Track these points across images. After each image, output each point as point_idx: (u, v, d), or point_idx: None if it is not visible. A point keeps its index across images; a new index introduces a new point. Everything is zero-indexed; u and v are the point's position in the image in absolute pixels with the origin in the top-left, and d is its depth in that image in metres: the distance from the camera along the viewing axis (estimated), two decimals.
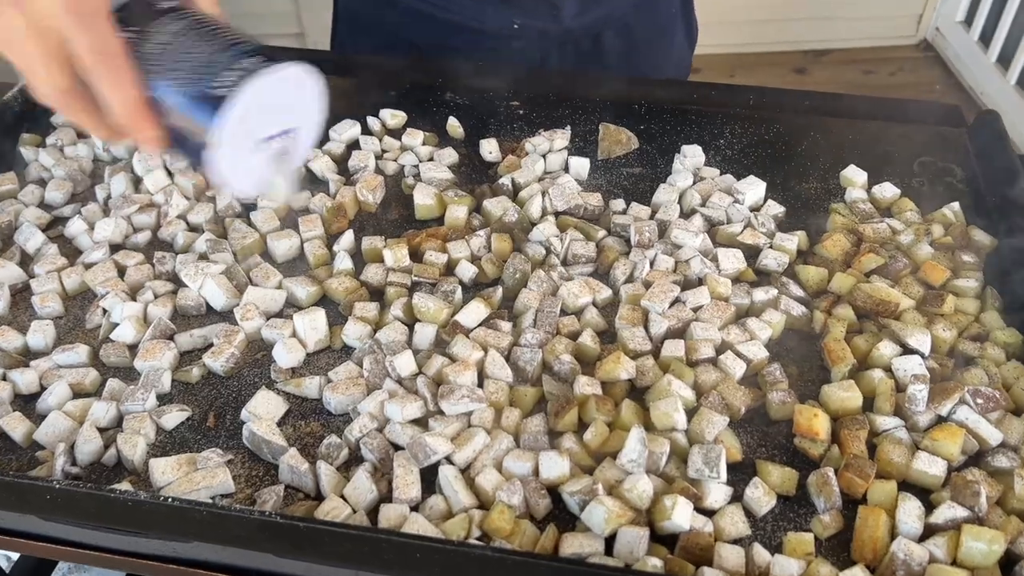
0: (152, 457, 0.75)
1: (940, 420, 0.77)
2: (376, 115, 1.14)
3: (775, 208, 0.99)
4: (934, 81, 3.56)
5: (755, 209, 0.99)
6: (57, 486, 0.67)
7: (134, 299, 0.89)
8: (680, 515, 0.68)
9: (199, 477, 0.73)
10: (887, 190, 1.00)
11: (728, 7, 3.54)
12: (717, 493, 0.71)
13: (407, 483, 0.72)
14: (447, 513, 0.71)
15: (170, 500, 0.66)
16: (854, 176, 1.02)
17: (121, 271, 0.92)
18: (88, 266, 0.92)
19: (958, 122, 1.12)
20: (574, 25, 1.19)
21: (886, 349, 0.81)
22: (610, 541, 0.68)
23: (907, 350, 0.81)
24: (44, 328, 0.86)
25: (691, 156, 1.05)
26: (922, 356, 0.80)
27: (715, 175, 1.04)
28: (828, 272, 0.90)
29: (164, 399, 0.81)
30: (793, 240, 0.93)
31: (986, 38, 3.30)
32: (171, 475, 0.73)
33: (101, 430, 0.77)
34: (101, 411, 0.78)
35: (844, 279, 0.88)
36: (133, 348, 0.85)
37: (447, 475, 0.72)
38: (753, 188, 0.99)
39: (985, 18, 3.30)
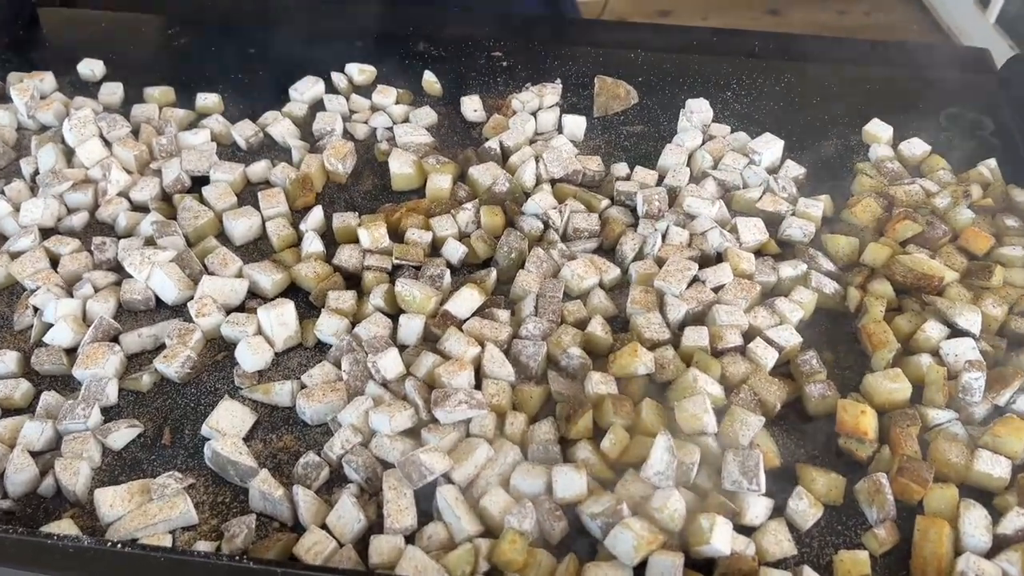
0: (98, 486, 0.64)
1: (998, 411, 0.68)
2: (341, 70, 1.01)
3: (795, 169, 0.89)
4: (910, 21, 3.47)
5: (773, 171, 0.89)
6: None
7: (71, 294, 0.77)
8: (719, 538, 0.59)
9: (155, 509, 0.62)
10: (916, 147, 0.90)
11: None
12: (757, 507, 0.62)
13: (400, 509, 0.62)
14: (448, 543, 0.61)
15: (119, 546, 0.55)
16: (878, 131, 0.92)
17: (54, 260, 0.80)
18: (14, 256, 0.80)
19: (986, 68, 1.02)
20: None
21: (933, 331, 0.72)
22: (639, 569, 0.59)
23: (956, 331, 0.73)
24: None
25: (698, 112, 0.94)
26: (974, 337, 0.72)
27: (726, 133, 0.93)
28: (859, 242, 0.81)
29: (110, 413, 0.70)
30: (818, 206, 0.84)
31: None
32: (120, 507, 0.62)
33: (35, 454, 0.66)
34: (35, 432, 0.66)
35: (878, 250, 0.79)
36: (71, 352, 0.73)
37: (446, 497, 0.62)
38: (770, 147, 0.89)
39: None
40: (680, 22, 3.54)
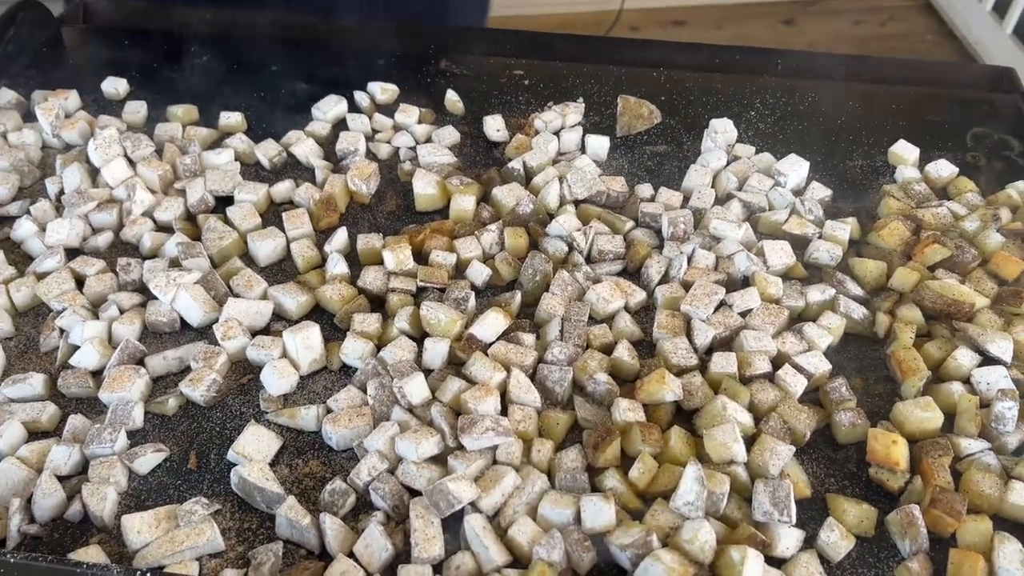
0: (124, 511, 0.64)
1: None
2: (364, 89, 1.01)
3: (821, 191, 0.88)
4: (926, 31, 3.45)
5: (798, 193, 0.89)
6: (12, 560, 0.56)
7: (96, 316, 0.77)
8: (751, 570, 0.58)
9: (182, 536, 0.62)
10: (943, 168, 0.89)
11: None
12: (788, 538, 0.62)
13: (428, 538, 0.61)
14: (476, 573, 0.61)
15: (148, 575, 0.55)
16: (904, 153, 0.91)
17: (80, 281, 0.80)
18: (41, 276, 0.80)
19: (1011, 87, 1.01)
20: None
21: (964, 358, 0.71)
22: None
23: (987, 358, 0.72)
24: None
25: (722, 132, 0.94)
26: (1005, 365, 0.71)
27: (750, 153, 0.93)
28: (887, 265, 0.80)
29: (136, 437, 0.70)
30: (845, 229, 0.83)
31: None
32: (148, 534, 0.62)
33: (62, 479, 0.66)
34: (62, 456, 0.66)
35: (907, 274, 0.78)
36: (97, 375, 0.73)
37: (474, 527, 0.61)
38: (795, 168, 0.88)
39: None
40: (694, 32, 3.54)
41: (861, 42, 3.56)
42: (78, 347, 0.74)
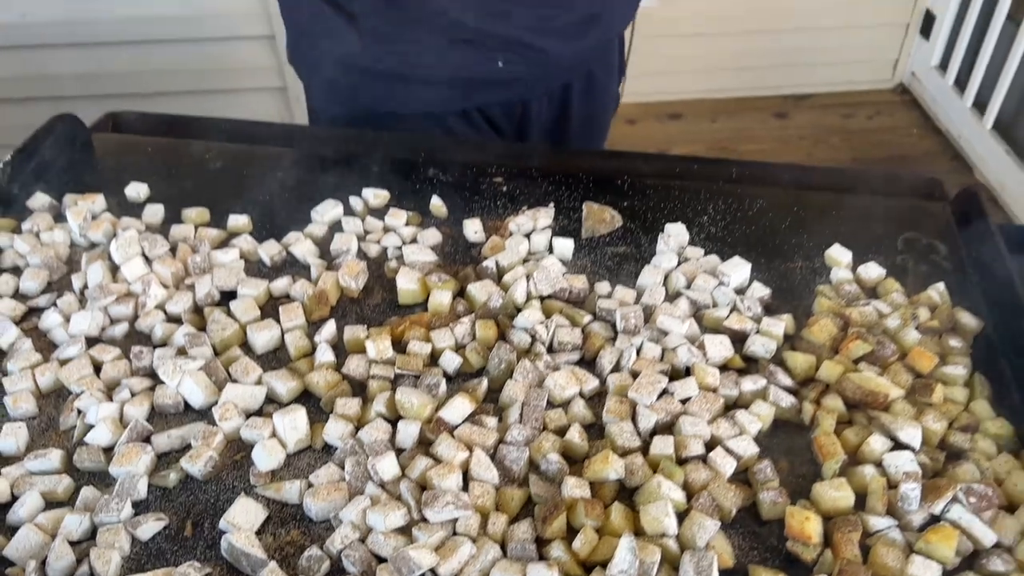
0: (127, 573, 0.73)
1: (933, 519, 0.75)
2: (359, 194, 1.13)
3: (761, 290, 0.98)
4: (912, 124, 3.61)
5: (740, 291, 0.99)
6: None
7: (110, 398, 0.87)
8: None
9: None
10: (872, 270, 0.99)
11: (710, 54, 3.59)
12: None
13: None
14: None
15: None
16: (839, 255, 1.01)
17: (97, 367, 0.90)
18: (63, 362, 0.90)
19: (940, 195, 1.12)
20: (550, 68, 1.21)
21: (876, 443, 0.80)
22: None
23: (898, 444, 0.80)
24: (17, 431, 0.83)
25: (675, 235, 1.04)
26: (913, 450, 0.79)
27: (699, 255, 1.03)
28: (816, 359, 0.89)
29: (140, 506, 0.79)
30: (780, 325, 0.93)
31: (961, 83, 3.34)
32: None
33: (74, 544, 0.75)
34: (74, 524, 0.75)
35: (832, 367, 0.87)
36: (108, 451, 0.82)
37: None
38: (738, 270, 0.99)
39: (960, 63, 3.35)
40: (690, 124, 3.71)
41: (850, 135, 3.72)
42: (93, 426, 0.84)
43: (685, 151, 3.32)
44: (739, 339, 0.92)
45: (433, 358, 0.92)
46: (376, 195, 1.13)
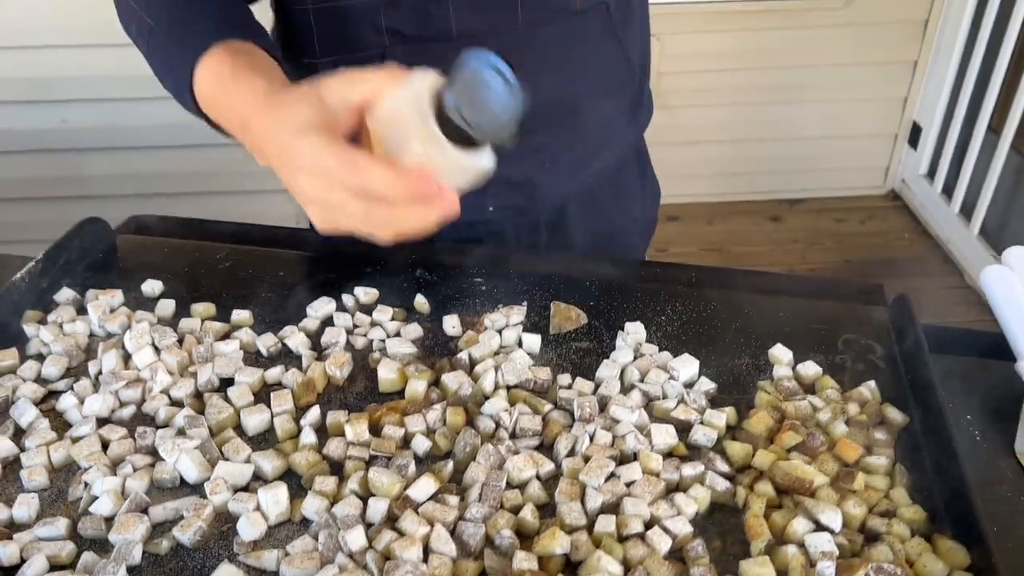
0: None
1: None
2: (351, 292, 1.25)
3: (707, 384, 1.08)
4: (903, 229, 3.74)
5: (689, 385, 1.08)
6: None
7: (114, 472, 0.97)
8: None
9: None
10: (809, 368, 1.09)
11: (707, 160, 3.77)
12: None
13: None
14: None
15: None
16: (780, 354, 1.11)
17: (105, 445, 1.01)
18: (75, 440, 1.01)
19: (880, 300, 1.22)
20: (545, 204, 1.33)
21: (799, 525, 0.88)
22: None
23: (820, 526, 0.88)
24: (29, 501, 0.93)
25: (633, 333, 1.15)
26: (832, 532, 0.87)
27: (654, 351, 1.14)
28: (753, 448, 0.98)
29: (134, 570, 0.88)
30: (722, 416, 1.02)
31: (948, 190, 3.49)
32: None
33: None
34: None
35: (766, 455, 0.96)
36: (110, 520, 0.92)
37: None
38: (687, 365, 1.09)
39: (946, 172, 3.50)
40: (687, 226, 3.87)
41: (842, 238, 3.84)
42: (97, 497, 0.93)
43: (681, 251, 3.46)
44: (684, 428, 1.02)
45: (406, 441, 1.02)
46: (366, 293, 1.25)
